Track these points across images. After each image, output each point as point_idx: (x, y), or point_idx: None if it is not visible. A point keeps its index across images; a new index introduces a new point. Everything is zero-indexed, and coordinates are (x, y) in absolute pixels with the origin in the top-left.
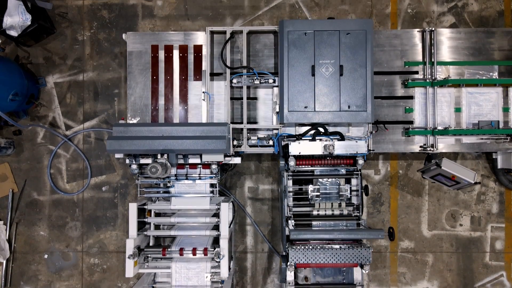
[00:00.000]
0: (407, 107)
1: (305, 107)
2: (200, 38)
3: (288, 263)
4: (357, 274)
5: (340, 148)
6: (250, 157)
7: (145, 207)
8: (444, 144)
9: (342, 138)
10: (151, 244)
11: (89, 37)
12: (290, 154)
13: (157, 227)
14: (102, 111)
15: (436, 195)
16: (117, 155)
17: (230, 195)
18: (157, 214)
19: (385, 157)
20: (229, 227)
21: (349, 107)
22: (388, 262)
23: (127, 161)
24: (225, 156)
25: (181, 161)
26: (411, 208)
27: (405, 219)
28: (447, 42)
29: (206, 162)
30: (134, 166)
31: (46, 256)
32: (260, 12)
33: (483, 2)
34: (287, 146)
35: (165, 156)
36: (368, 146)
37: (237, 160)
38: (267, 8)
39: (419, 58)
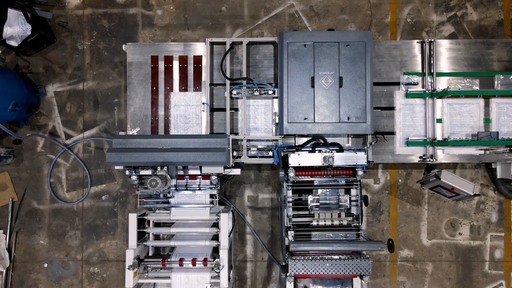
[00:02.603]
0: None
1: (305, 119)
2: (200, 49)
3: (288, 274)
4: (357, 284)
5: (339, 159)
6: (250, 166)
7: (145, 217)
8: (443, 155)
9: (340, 149)
10: (150, 254)
11: (89, 46)
12: (289, 165)
13: (156, 237)
14: (102, 120)
15: (435, 204)
16: (117, 167)
17: (230, 204)
18: (157, 224)
19: (385, 166)
20: (229, 236)
21: (348, 118)
22: (387, 271)
23: (127, 172)
24: (225, 167)
25: (181, 172)
26: (410, 217)
27: (404, 228)
28: (446, 53)
29: (205, 174)
30: (134, 177)
31: (46, 265)
32: (260, 21)
33: (483, 11)
34: (286, 157)
35: (165, 168)
36: (367, 157)
37: (236, 171)
38: (267, 18)
39: (419, 69)
